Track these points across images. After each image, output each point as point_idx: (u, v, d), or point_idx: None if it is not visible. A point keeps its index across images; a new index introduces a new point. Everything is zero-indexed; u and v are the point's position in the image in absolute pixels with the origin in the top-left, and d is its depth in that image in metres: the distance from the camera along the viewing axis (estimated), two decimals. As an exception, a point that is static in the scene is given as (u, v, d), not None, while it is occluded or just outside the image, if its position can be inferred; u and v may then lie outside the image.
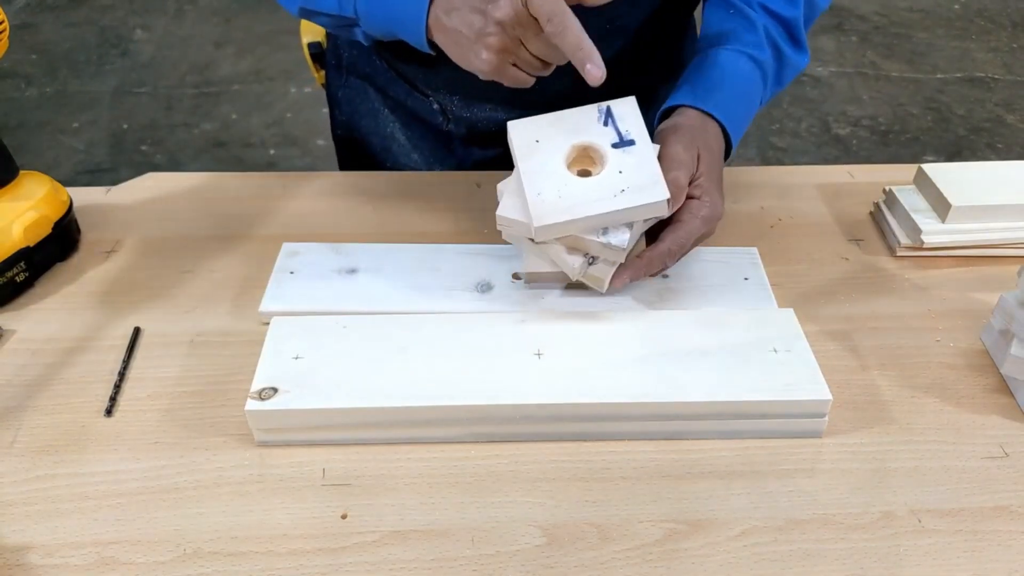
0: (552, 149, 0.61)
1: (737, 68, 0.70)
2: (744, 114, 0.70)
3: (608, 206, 0.58)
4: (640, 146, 0.61)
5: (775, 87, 0.74)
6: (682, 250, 0.63)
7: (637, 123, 0.62)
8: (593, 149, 0.61)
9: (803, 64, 0.75)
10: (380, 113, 0.91)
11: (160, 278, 0.71)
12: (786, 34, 0.73)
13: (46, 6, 3.21)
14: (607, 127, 0.62)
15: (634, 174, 0.59)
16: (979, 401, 0.61)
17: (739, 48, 0.70)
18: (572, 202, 0.58)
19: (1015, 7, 3.32)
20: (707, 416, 0.56)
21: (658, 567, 0.50)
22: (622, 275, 0.62)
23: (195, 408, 0.59)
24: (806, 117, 2.62)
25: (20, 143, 2.40)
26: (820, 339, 0.65)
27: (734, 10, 0.72)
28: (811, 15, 0.75)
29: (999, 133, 2.55)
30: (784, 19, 0.72)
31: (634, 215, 0.59)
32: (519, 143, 0.61)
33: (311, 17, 0.72)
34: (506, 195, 0.61)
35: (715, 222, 0.64)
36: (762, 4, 0.72)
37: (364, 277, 0.68)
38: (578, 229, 0.59)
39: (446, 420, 0.56)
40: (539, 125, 0.62)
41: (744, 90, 0.70)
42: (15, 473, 0.54)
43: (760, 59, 0.71)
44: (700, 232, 0.63)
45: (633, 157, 0.60)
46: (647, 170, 0.59)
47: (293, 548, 0.50)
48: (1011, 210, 0.73)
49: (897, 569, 0.50)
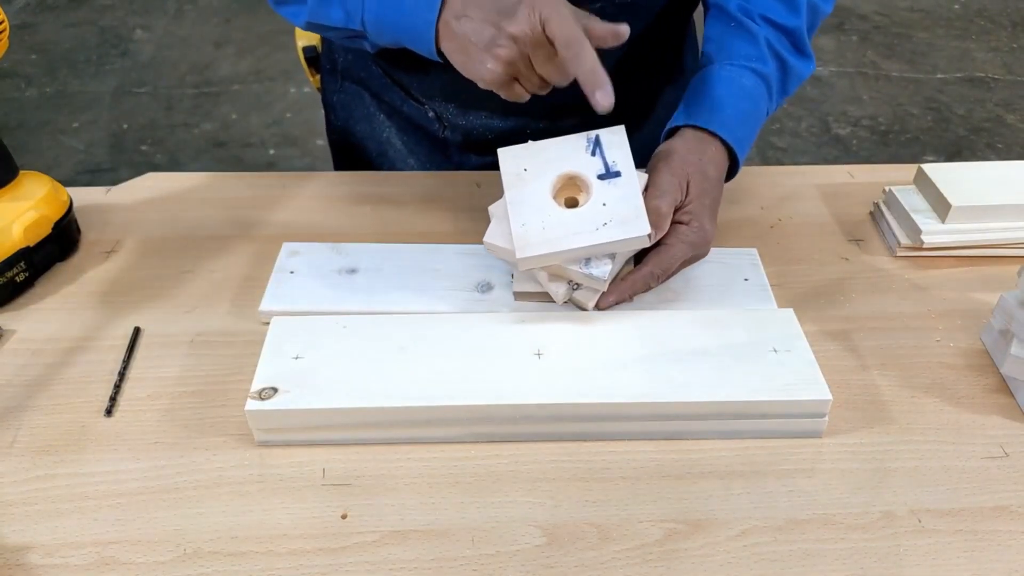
0: (539, 179, 0.62)
1: (741, 84, 0.69)
2: (750, 131, 0.70)
3: (590, 240, 0.59)
4: (626, 177, 0.62)
5: (780, 97, 0.74)
6: (666, 273, 0.64)
7: (624, 154, 0.63)
8: (580, 179, 0.63)
9: (808, 71, 0.74)
10: (376, 118, 0.90)
11: (160, 278, 0.71)
12: (789, 44, 0.72)
13: (46, 6, 3.21)
14: (595, 157, 0.63)
15: (618, 207, 0.60)
16: (979, 401, 0.61)
17: (742, 63, 0.70)
18: (555, 234, 0.59)
19: (1015, 7, 3.32)
20: (707, 416, 0.56)
21: (658, 567, 0.50)
22: (607, 298, 0.63)
23: (195, 408, 0.59)
24: (806, 117, 2.62)
25: (20, 143, 2.40)
26: (820, 339, 0.65)
27: (735, 23, 0.71)
28: (814, 22, 0.75)
29: (999, 133, 2.55)
30: (787, 29, 0.72)
31: (616, 248, 0.60)
32: (507, 171, 0.63)
33: (317, 30, 0.72)
34: (494, 220, 0.62)
35: (703, 247, 0.65)
36: (763, 15, 0.71)
37: (364, 277, 0.68)
38: (561, 260, 0.60)
39: (446, 420, 0.56)
40: (528, 153, 0.63)
41: (748, 106, 0.69)
42: (15, 473, 0.54)
43: (764, 72, 0.70)
44: (685, 256, 0.64)
45: (618, 189, 0.61)
46: (631, 203, 0.61)
47: (293, 548, 0.50)
48: (1011, 210, 0.73)
49: (897, 569, 0.50)
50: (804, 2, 0.72)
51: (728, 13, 0.72)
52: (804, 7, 0.72)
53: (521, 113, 0.81)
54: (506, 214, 0.61)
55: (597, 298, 0.63)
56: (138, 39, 2.99)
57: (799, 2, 0.72)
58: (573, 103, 0.80)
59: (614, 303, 0.63)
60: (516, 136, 0.82)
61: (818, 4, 0.74)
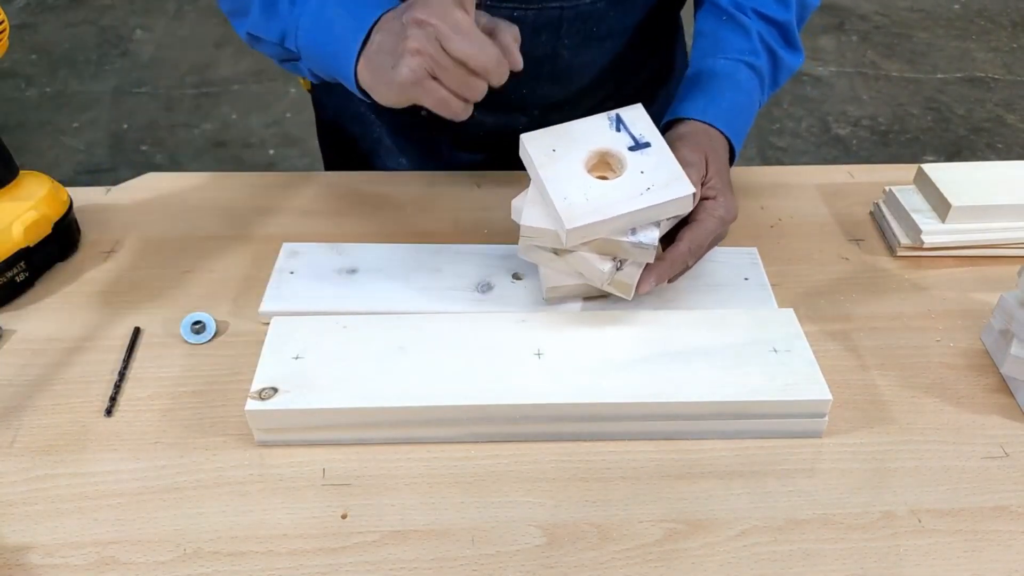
0: (571, 156, 0.61)
1: (735, 77, 0.70)
2: (744, 122, 0.70)
3: (636, 204, 0.58)
4: (656, 147, 0.61)
5: (771, 89, 0.75)
6: (701, 249, 0.63)
7: (649, 126, 0.63)
8: (611, 154, 0.62)
9: (798, 64, 0.75)
10: (366, 118, 0.90)
11: (160, 278, 0.71)
12: (780, 37, 0.73)
13: (46, 6, 3.21)
14: (620, 132, 0.62)
15: (656, 173, 0.60)
16: (979, 401, 0.61)
17: (735, 56, 0.71)
18: (600, 203, 0.58)
19: (1015, 7, 3.32)
20: (707, 416, 0.56)
21: (658, 567, 0.50)
22: (648, 278, 0.61)
23: (195, 408, 0.59)
24: (806, 117, 2.62)
25: (20, 143, 2.39)
26: (820, 339, 0.65)
27: (727, 17, 0.72)
28: (803, 15, 0.76)
29: (999, 133, 2.55)
30: (777, 22, 0.73)
31: (661, 212, 0.59)
32: (536, 153, 0.61)
33: (256, 45, 0.69)
34: (527, 207, 0.61)
35: (730, 222, 0.64)
36: (755, 9, 0.72)
37: (364, 277, 0.68)
38: (608, 231, 0.58)
39: (446, 420, 0.56)
40: (553, 135, 0.63)
41: (743, 98, 0.70)
42: (15, 473, 0.54)
43: (756, 65, 0.71)
44: (717, 231, 0.63)
45: (652, 158, 0.61)
46: (668, 168, 0.60)
47: (293, 548, 0.50)
48: (1011, 210, 0.73)
49: (897, 569, 0.50)
50: None
51: (720, 7, 0.73)
52: (793, 1, 0.73)
53: (512, 109, 0.81)
54: (538, 199, 0.60)
55: (639, 276, 0.61)
56: (138, 39, 2.98)
57: None
58: (564, 99, 0.81)
59: (655, 284, 0.61)
60: (506, 132, 0.82)
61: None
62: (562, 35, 0.73)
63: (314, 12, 0.62)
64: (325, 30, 0.61)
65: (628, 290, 0.61)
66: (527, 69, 0.76)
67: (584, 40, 0.75)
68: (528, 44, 0.73)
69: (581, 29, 0.74)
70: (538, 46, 0.74)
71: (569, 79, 0.78)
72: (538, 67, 0.76)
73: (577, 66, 0.77)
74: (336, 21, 0.60)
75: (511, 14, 0.71)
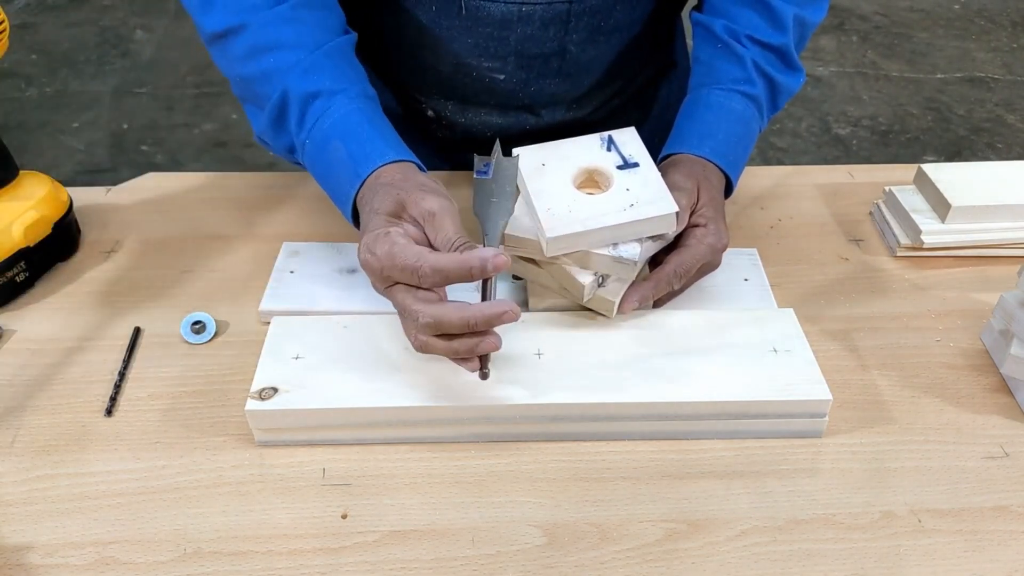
0: (559, 171, 0.63)
1: (730, 108, 0.69)
2: (742, 153, 0.70)
3: (619, 218, 0.59)
4: (644, 168, 0.63)
5: (771, 113, 0.74)
6: (688, 273, 0.63)
7: (639, 148, 0.64)
8: (599, 172, 0.63)
9: (798, 85, 0.74)
10: None
11: (160, 278, 0.71)
12: (777, 61, 0.72)
13: (46, 6, 3.21)
14: (610, 152, 0.64)
15: (641, 190, 0.61)
16: (979, 401, 0.61)
17: (730, 87, 0.70)
18: (583, 215, 0.59)
19: (1015, 7, 3.32)
20: (707, 416, 0.56)
21: (658, 567, 0.50)
22: (631, 297, 0.61)
23: (195, 408, 0.59)
24: (806, 117, 2.62)
25: (20, 143, 2.39)
26: (820, 339, 0.65)
27: (721, 45, 0.71)
28: (803, 34, 0.74)
29: (999, 133, 2.55)
30: (773, 47, 0.71)
31: (644, 228, 0.60)
32: (525, 167, 0.63)
33: (267, 147, 0.70)
34: (513, 218, 0.61)
35: (721, 251, 0.64)
36: (749, 36, 0.71)
37: (364, 277, 0.68)
38: (589, 243, 0.59)
39: (446, 420, 0.56)
40: (545, 151, 0.64)
41: (740, 129, 0.69)
42: (15, 473, 0.54)
43: (752, 94, 0.70)
44: (705, 258, 0.63)
45: (639, 176, 0.62)
46: (654, 187, 0.61)
47: (293, 548, 0.50)
48: (1011, 210, 0.73)
49: (897, 569, 0.50)
50: (790, 18, 0.71)
51: (715, 35, 0.72)
52: (790, 23, 0.71)
53: (520, 109, 0.81)
54: (524, 210, 0.61)
55: (623, 293, 0.61)
56: (138, 39, 2.98)
57: (785, 19, 0.71)
58: (571, 93, 0.81)
59: (638, 305, 0.61)
60: (515, 132, 0.82)
61: (806, 17, 0.73)
62: (570, 30, 0.73)
63: (318, 144, 0.62)
64: (326, 168, 0.63)
65: (610, 308, 0.61)
66: (535, 66, 0.77)
67: (592, 34, 0.75)
68: (536, 39, 0.74)
69: (589, 23, 0.74)
70: (546, 41, 0.74)
71: (577, 75, 0.78)
72: (546, 63, 0.76)
73: (585, 61, 0.77)
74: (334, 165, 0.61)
75: (520, 9, 0.71)
